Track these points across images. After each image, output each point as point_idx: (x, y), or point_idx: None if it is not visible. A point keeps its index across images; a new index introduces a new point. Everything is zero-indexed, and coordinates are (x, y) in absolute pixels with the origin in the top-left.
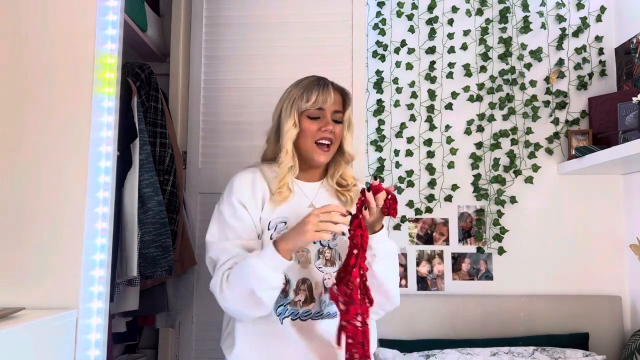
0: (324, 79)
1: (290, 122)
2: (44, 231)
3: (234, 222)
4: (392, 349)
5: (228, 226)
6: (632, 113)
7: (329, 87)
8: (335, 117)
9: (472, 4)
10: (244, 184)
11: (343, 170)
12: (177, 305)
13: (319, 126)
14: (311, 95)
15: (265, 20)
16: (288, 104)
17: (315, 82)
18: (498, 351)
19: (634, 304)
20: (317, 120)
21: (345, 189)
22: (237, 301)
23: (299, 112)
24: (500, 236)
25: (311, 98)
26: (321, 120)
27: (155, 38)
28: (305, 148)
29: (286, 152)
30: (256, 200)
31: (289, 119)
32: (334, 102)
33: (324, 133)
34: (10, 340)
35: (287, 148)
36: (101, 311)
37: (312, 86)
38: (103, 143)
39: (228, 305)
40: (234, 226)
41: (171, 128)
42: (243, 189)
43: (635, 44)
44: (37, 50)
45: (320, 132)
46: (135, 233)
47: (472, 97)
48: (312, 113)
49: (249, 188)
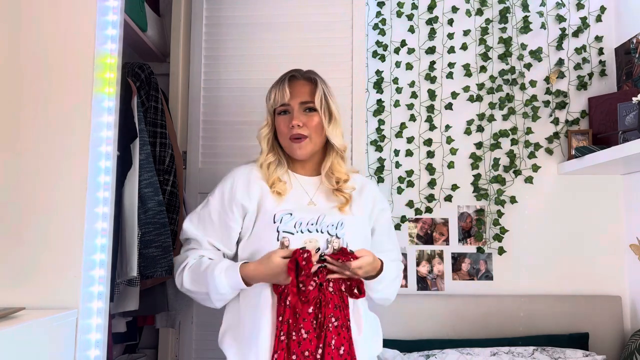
0: (289, 73)
1: (264, 122)
2: (44, 231)
3: (216, 219)
4: (392, 349)
5: (210, 221)
6: (632, 113)
7: (285, 82)
8: (305, 106)
9: (472, 4)
10: (239, 177)
11: (332, 163)
12: (177, 305)
13: (288, 122)
14: (271, 94)
15: (265, 20)
16: (265, 104)
17: (281, 77)
18: (498, 351)
19: (634, 304)
20: (287, 115)
21: (340, 188)
22: (190, 289)
23: (272, 111)
24: (500, 236)
25: (271, 97)
26: (289, 116)
27: (155, 38)
28: (284, 145)
29: (261, 151)
30: (250, 194)
31: (264, 119)
32: (297, 94)
33: (292, 130)
34: (10, 340)
35: (262, 147)
36: (101, 311)
37: (276, 83)
38: (103, 143)
39: (179, 286)
40: (214, 222)
41: (171, 128)
42: (238, 182)
43: (635, 44)
44: (37, 50)
45: (289, 129)
46: (135, 233)
47: (472, 97)
48: (280, 110)
49: (244, 181)
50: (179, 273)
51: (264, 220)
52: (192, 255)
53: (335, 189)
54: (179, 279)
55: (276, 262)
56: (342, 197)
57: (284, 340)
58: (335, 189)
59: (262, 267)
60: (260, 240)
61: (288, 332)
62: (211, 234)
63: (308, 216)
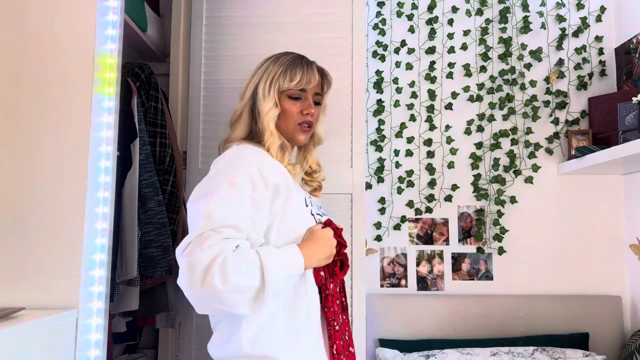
0: (306, 57)
1: (270, 102)
2: (44, 231)
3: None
4: (392, 349)
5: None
6: (632, 113)
7: (313, 67)
8: (315, 98)
9: (472, 4)
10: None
11: (311, 154)
12: (177, 305)
13: (301, 108)
14: (295, 75)
15: (265, 21)
16: (266, 82)
17: (299, 60)
18: (498, 351)
19: (634, 304)
20: (298, 101)
21: (311, 176)
22: (235, 284)
23: (279, 91)
24: (500, 236)
25: (295, 78)
26: (303, 102)
27: (155, 38)
28: (286, 129)
29: (270, 134)
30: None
31: (268, 99)
32: (316, 84)
33: (305, 116)
34: (10, 340)
35: (270, 129)
36: (101, 311)
37: (295, 65)
38: (103, 143)
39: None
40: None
41: (171, 128)
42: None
43: (635, 44)
44: (37, 50)
45: (301, 116)
46: (135, 233)
47: (472, 97)
48: (294, 93)
49: (268, 162)
50: (213, 269)
51: (297, 204)
52: (228, 246)
53: (308, 178)
54: (216, 275)
55: (331, 239)
56: (315, 185)
57: (337, 329)
58: (308, 178)
59: (318, 247)
60: (301, 225)
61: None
62: (247, 220)
63: (314, 200)
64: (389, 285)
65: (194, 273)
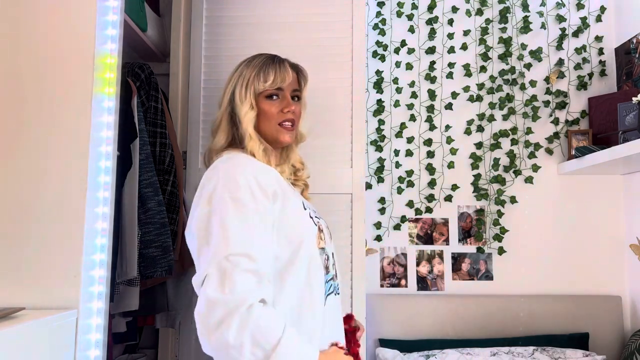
0: (278, 56)
1: (246, 105)
2: (44, 231)
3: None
4: (392, 349)
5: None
6: (632, 113)
7: (286, 64)
8: (294, 94)
9: (472, 4)
10: (253, 164)
11: (294, 152)
12: (177, 305)
13: (280, 107)
14: (268, 75)
15: (265, 20)
16: (242, 86)
17: (270, 60)
18: (498, 351)
19: (634, 304)
20: (276, 100)
21: (296, 175)
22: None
23: (256, 93)
24: (500, 236)
25: (269, 78)
26: (281, 101)
27: (155, 38)
28: (269, 131)
29: (250, 137)
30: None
31: (245, 102)
32: (292, 81)
33: (286, 115)
34: (10, 340)
35: (249, 133)
36: (101, 311)
37: (267, 65)
38: (103, 143)
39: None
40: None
41: (171, 128)
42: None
43: (635, 44)
44: (37, 50)
45: (282, 114)
46: (135, 233)
47: (472, 97)
48: (270, 93)
49: (260, 167)
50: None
51: (294, 207)
52: (255, 294)
53: (294, 177)
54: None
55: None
56: (301, 184)
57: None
58: (293, 177)
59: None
60: (301, 228)
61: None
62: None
63: (307, 202)
64: (389, 285)
65: (213, 314)
